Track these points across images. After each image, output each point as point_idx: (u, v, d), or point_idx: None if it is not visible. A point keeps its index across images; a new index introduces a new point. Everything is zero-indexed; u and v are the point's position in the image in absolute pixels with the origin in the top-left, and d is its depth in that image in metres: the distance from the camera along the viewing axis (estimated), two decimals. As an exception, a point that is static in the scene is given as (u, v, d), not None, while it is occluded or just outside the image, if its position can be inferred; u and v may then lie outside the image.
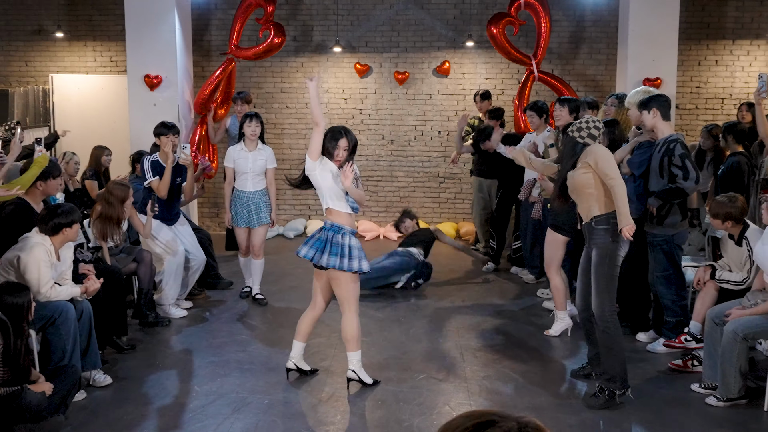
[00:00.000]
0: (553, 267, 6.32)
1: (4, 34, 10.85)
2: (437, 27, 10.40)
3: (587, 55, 10.38)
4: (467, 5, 10.32)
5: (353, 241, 5.08)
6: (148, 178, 6.68)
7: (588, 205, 5.01)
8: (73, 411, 4.89)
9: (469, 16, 10.31)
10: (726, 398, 5.00)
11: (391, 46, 10.49)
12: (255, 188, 6.99)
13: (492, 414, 1.36)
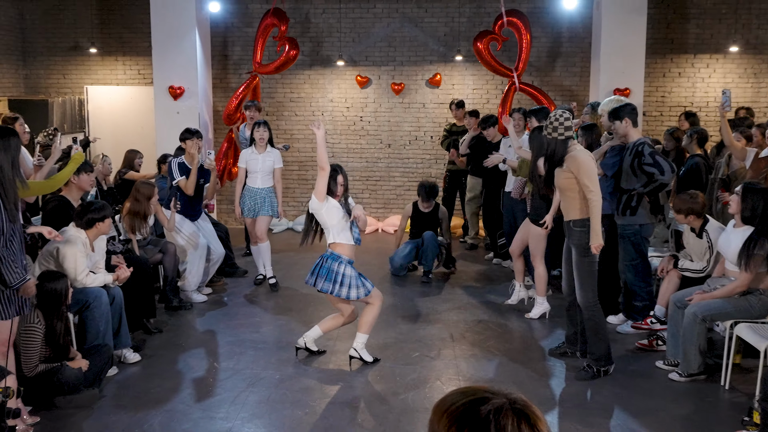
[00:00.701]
0: (537, 257, 6.33)
1: (44, 50, 10.84)
2: (429, 43, 10.39)
3: (563, 68, 10.37)
4: (456, 24, 10.31)
5: (348, 270, 5.09)
6: (176, 177, 6.71)
7: (568, 207, 5.01)
8: (106, 385, 4.92)
9: (458, 33, 10.29)
10: (687, 374, 5.01)
11: (389, 60, 10.48)
12: (264, 185, 7.16)
13: (484, 391, 1.35)
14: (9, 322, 4.22)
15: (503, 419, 1.28)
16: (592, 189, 4.83)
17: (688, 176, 6.84)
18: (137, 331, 5.83)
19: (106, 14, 10.71)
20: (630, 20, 9.10)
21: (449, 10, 10.31)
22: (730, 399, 4.78)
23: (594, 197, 4.83)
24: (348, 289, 5.05)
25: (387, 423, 4.41)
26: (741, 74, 10.34)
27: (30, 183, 4.82)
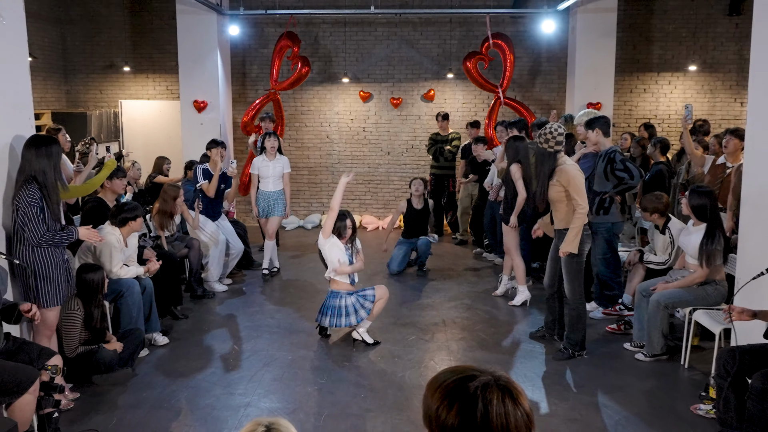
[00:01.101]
0: (512, 251, 6.35)
1: (83, 69, 10.84)
2: (424, 62, 10.38)
3: (543, 84, 10.36)
4: (448, 45, 10.30)
5: (348, 300, 5.26)
6: (200, 181, 6.74)
7: (559, 216, 4.96)
8: (138, 364, 4.92)
9: (449, 54, 10.29)
10: (651, 354, 5.01)
11: (388, 78, 10.47)
12: (275, 188, 7.22)
13: (472, 369, 1.36)
14: (56, 309, 4.23)
15: (489, 394, 1.29)
16: (580, 203, 4.79)
17: (653, 181, 6.85)
18: (166, 317, 5.84)
19: (138, 37, 10.71)
20: (601, 43, 9.10)
21: (441, 33, 10.31)
22: (689, 376, 4.78)
23: (581, 210, 4.79)
24: (353, 317, 5.24)
25: (386, 398, 4.42)
26: (698, 90, 10.35)
27: (70, 186, 4.83)
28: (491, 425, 1.26)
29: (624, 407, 4.28)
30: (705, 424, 4.03)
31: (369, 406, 4.30)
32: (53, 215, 4.09)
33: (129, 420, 4.08)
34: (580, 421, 4.08)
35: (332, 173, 10.66)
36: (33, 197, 3.96)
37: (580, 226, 4.80)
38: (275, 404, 4.33)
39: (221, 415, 4.15)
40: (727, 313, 3.73)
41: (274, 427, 1.52)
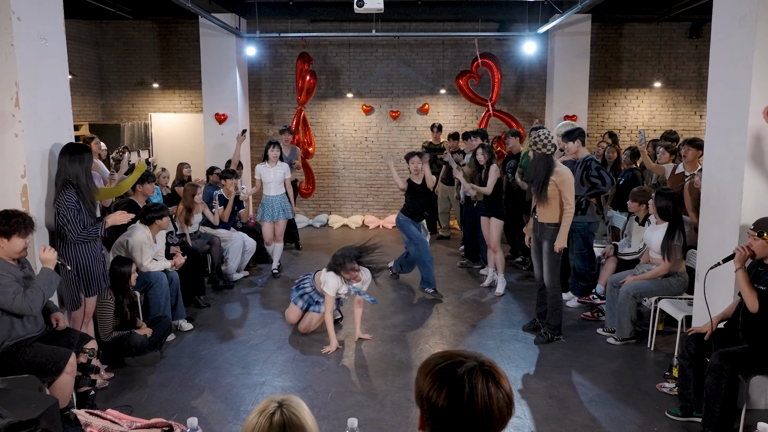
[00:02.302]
0: (493, 244, 6.37)
1: (117, 85, 10.83)
2: (420, 79, 10.37)
3: (525, 99, 10.35)
4: (441, 64, 10.29)
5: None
6: (216, 206, 6.79)
7: (545, 212, 4.89)
8: (166, 348, 4.91)
9: (442, 72, 10.28)
10: (621, 339, 5.00)
11: (388, 93, 10.45)
12: (277, 193, 6.98)
13: (459, 355, 1.35)
14: (94, 298, 4.23)
15: (474, 378, 1.29)
16: (570, 202, 4.78)
17: (626, 184, 6.83)
18: (190, 305, 5.83)
19: (165, 57, 10.70)
20: (576, 62, 9.09)
21: (435, 54, 10.30)
22: (654, 358, 4.78)
23: (569, 209, 4.78)
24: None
25: (386, 377, 4.41)
26: (663, 104, 10.33)
27: (101, 188, 4.81)
28: (476, 406, 1.26)
29: (597, 385, 4.27)
30: (668, 400, 4.02)
31: (371, 384, 4.30)
32: (90, 215, 4.09)
33: (158, 397, 4.08)
34: (558, 398, 4.07)
35: (338, 177, 10.64)
36: (71, 200, 3.96)
37: (569, 223, 4.80)
38: (288, 383, 4.33)
39: (240, 393, 4.14)
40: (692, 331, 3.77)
41: (286, 403, 1.51)
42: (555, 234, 4.86)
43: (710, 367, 3.46)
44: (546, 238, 4.94)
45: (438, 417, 1.29)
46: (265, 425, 1.46)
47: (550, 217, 4.89)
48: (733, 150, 3.91)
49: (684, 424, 3.72)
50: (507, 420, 1.30)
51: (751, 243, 3.47)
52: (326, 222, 10.51)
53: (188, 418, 2.17)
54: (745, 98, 3.76)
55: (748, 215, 3.76)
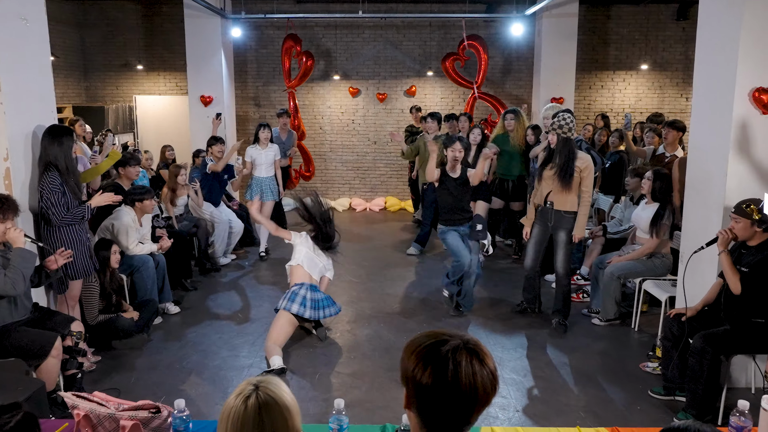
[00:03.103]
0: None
1: (101, 67, 10.65)
2: (407, 61, 10.30)
3: (512, 81, 10.33)
4: (428, 46, 10.22)
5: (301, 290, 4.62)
6: (208, 163, 6.79)
7: (564, 200, 4.75)
8: (153, 331, 4.89)
9: (429, 54, 10.21)
10: (605, 320, 5.06)
11: (374, 75, 10.38)
12: (267, 174, 7.05)
13: (444, 334, 1.36)
14: (79, 282, 4.20)
15: (459, 356, 1.29)
16: (588, 189, 4.71)
17: (614, 166, 6.88)
18: (177, 288, 5.79)
19: (149, 38, 10.53)
20: (563, 44, 9.06)
21: (422, 36, 10.22)
22: (638, 338, 4.84)
23: (589, 197, 4.71)
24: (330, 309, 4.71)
25: (373, 359, 4.43)
26: (649, 87, 10.36)
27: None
28: (461, 384, 1.27)
29: (581, 365, 4.32)
30: (651, 379, 4.08)
31: (358, 366, 4.32)
32: (75, 197, 4.04)
33: (146, 380, 4.07)
34: (543, 378, 4.12)
35: (325, 160, 10.59)
36: (54, 183, 3.91)
37: (587, 212, 4.75)
38: (275, 365, 4.33)
39: (227, 375, 4.15)
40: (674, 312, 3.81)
41: (262, 385, 1.48)
42: (572, 223, 4.77)
43: (693, 349, 3.51)
44: (564, 227, 4.79)
45: (423, 395, 1.29)
46: (240, 408, 1.44)
47: (570, 205, 4.74)
48: (718, 132, 3.93)
49: (667, 402, 3.79)
50: (491, 397, 1.31)
51: (734, 225, 3.50)
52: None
53: (176, 400, 2.16)
54: (730, 80, 3.77)
55: (732, 197, 3.80)
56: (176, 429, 2.13)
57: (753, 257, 3.46)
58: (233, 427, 1.43)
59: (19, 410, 1.58)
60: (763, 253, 3.42)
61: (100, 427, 2.15)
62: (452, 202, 5.16)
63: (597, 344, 4.71)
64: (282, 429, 1.44)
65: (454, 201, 5.16)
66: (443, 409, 1.29)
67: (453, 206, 5.17)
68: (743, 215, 3.45)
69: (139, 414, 2.13)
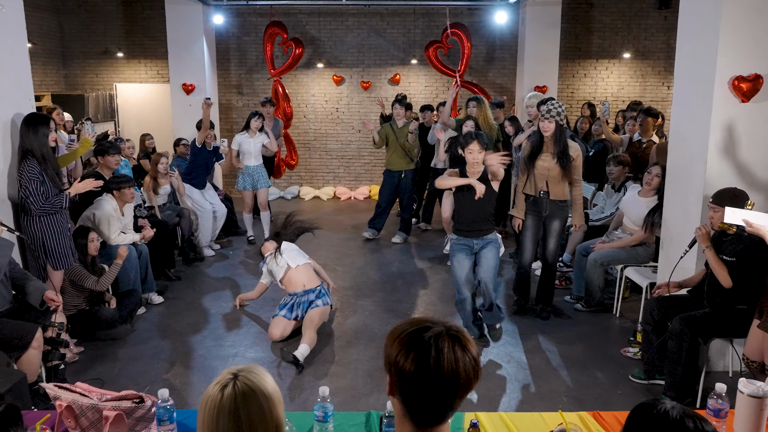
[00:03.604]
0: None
1: (80, 54, 10.45)
2: (391, 50, 10.25)
3: (496, 70, 10.32)
4: (412, 34, 10.17)
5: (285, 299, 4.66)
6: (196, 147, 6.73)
7: (557, 189, 4.71)
8: (136, 321, 4.86)
9: (413, 42, 10.17)
10: (589, 306, 5.12)
11: (359, 63, 10.32)
12: (257, 163, 6.99)
13: (426, 321, 1.36)
14: (61, 272, 4.15)
15: (441, 343, 1.30)
16: (579, 177, 4.73)
17: (597, 154, 6.93)
18: (161, 278, 5.76)
19: (130, 25, 10.34)
20: (547, 33, 9.08)
21: (406, 23, 10.17)
22: (620, 324, 4.91)
23: (579, 184, 4.73)
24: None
25: (358, 347, 4.44)
26: (631, 75, 10.43)
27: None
28: (443, 370, 1.27)
29: (563, 350, 4.37)
30: (632, 364, 4.15)
31: (344, 355, 4.33)
32: (55, 186, 3.98)
33: (129, 370, 4.05)
34: (526, 364, 4.16)
35: (309, 149, 10.54)
36: (33, 171, 3.85)
37: (581, 200, 4.77)
38: (260, 354, 4.33)
39: (212, 365, 4.13)
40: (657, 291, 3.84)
41: (242, 374, 1.46)
42: (566, 211, 4.80)
43: (671, 332, 3.57)
44: (559, 216, 4.79)
45: (406, 382, 1.30)
46: (217, 397, 1.42)
47: (563, 194, 4.74)
48: (698, 120, 3.97)
49: (647, 386, 3.85)
50: (474, 383, 1.32)
51: (712, 215, 3.55)
52: (297, 194, 10.44)
53: (159, 389, 2.15)
54: (711, 69, 3.81)
55: (711, 184, 3.85)
56: (160, 419, 2.12)
57: (734, 246, 3.50)
58: (209, 416, 1.42)
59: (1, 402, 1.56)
60: (743, 241, 3.47)
61: (83, 418, 2.13)
62: (474, 212, 4.30)
63: (579, 330, 4.76)
64: (259, 419, 1.42)
65: (476, 210, 4.28)
66: (426, 395, 1.29)
67: (475, 217, 4.31)
68: (721, 205, 3.49)
69: (123, 404, 2.12)
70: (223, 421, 1.40)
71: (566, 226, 6.07)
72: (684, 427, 1.28)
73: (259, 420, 1.42)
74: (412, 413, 1.33)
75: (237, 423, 1.40)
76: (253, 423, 1.41)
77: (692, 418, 1.30)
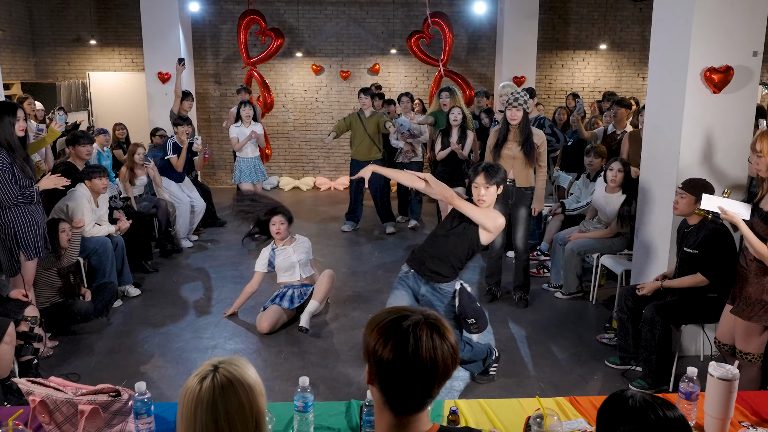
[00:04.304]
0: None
1: (51, 41, 10.20)
2: (370, 39, 10.20)
3: (476, 60, 10.35)
4: (391, 24, 10.13)
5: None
6: (169, 154, 6.49)
7: (522, 175, 4.82)
8: (113, 314, 4.80)
9: (392, 32, 10.13)
10: (568, 293, 5.19)
11: (338, 53, 10.25)
12: (253, 155, 6.97)
13: (405, 309, 1.37)
14: (33, 263, 4.06)
15: (419, 331, 1.30)
16: (544, 164, 4.85)
17: (575, 145, 7.01)
18: (137, 270, 5.68)
19: (103, 11, 10.12)
20: (525, 24, 9.12)
21: (386, 13, 10.12)
22: (596, 311, 4.99)
23: (543, 170, 4.84)
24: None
25: (338, 336, 4.44)
26: (608, 66, 10.54)
27: None
28: (421, 358, 1.28)
29: (541, 338, 4.43)
30: (608, 350, 4.22)
31: (323, 344, 4.33)
32: (26, 176, 3.89)
33: (106, 364, 4.00)
34: (504, 351, 4.20)
35: (288, 139, 10.47)
36: (2, 161, 3.75)
37: (544, 185, 4.87)
38: (239, 345, 4.31)
39: (191, 357, 4.10)
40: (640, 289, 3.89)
41: (223, 365, 1.44)
42: (531, 198, 4.89)
43: (644, 320, 3.64)
44: (524, 203, 4.87)
45: (384, 370, 1.30)
46: (196, 389, 1.41)
47: (528, 181, 4.85)
48: (672, 111, 4.03)
49: (622, 372, 3.92)
50: (452, 371, 1.33)
51: (678, 200, 3.63)
52: (277, 184, 10.38)
53: (136, 383, 2.13)
54: (684, 60, 3.86)
55: (684, 174, 3.91)
56: (137, 412, 2.09)
57: (695, 237, 3.58)
58: (188, 408, 1.40)
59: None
60: (702, 231, 3.55)
61: (57, 413, 2.10)
62: (441, 247, 3.46)
63: (556, 317, 4.82)
64: (238, 411, 1.41)
65: (445, 246, 3.45)
66: (405, 383, 1.30)
67: (438, 252, 3.46)
68: (691, 192, 3.56)
69: (98, 398, 2.09)
70: (202, 414, 1.39)
71: (543, 216, 6.16)
72: (645, 416, 1.33)
73: (238, 412, 1.41)
74: (391, 402, 1.34)
75: (215, 415, 1.39)
76: (231, 415, 1.40)
77: (656, 407, 1.35)
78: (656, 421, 1.31)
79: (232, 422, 1.40)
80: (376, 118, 6.94)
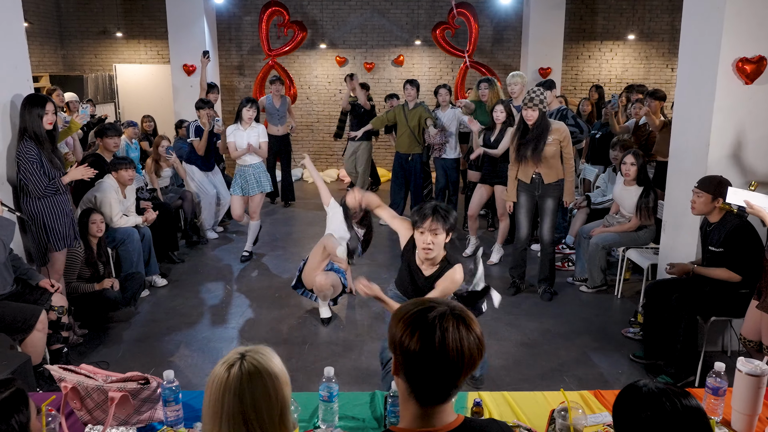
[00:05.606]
0: (503, 214, 5.77)
1: (78, 35, 10.39)
2: (395, 30, 10.17)
3: (501, 51, 10.25)
4: (416, 14, 10.09)
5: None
6: (191, 137, 6.44)
7: (549, 171, 4.80)
8: (140, 304, 4.90)
9: (417, 23, 10.09)
10: (593, 287, 5.15)
11: (362, 44, 10.25)
12: (252, 161, 5.85)
13: (431, 301, 1.38)
14: (62, 253, 4.16)
15: (446, 322, 1.31)
16: (571, 157, 4.82)
17: (603, 138, 6.91)
18: (164, 261, 5.79)
19: (129, 4, 10.27)
20: (551, 14, 9.00)
21: (410, 3, 10.08)
22: (621, 305, 4.94)
23: (572, 164, 4.80)
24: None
25: (362, 328, 4.48)
26: (636, 57, 10.35)
27: None
28: (447, 349, 1.29)
29: (566, 331, 4.41)
30: (633, 344, 4.18)
31: (347, 335, 4.36)
32: (54, 166, 3.98)
33: (134, 352, 4.09)
34: (528, 344, 4.20)
35: (312, 131, 10.51)
36: (31, 152, 3.84)
37: (573, 178, 4.83)
38: (265, 335, 4.36)
39: (216, 346, 4.18)
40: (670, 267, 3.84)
41: (249, 354, 1.47)
42: (559, 190, 4.85)
43: (671, 311, 3.60)
44: (552, 195, 4.86)
45: (411, 361, 1.32)
46: (224, 376, 1.44)
47: (555, 176, 4.83)
48: (702, 103, 3.95)
49: (647, 366, 3.89)
50: (478, 362, 1.34)
51: (695, 199, 3.58)
52: (301, 176, 10.43)
53: (165, 371, 2.18)
54: (715, 51, 3.78)
55: (713, 168, 3.84)
56: (166, 399, 2.14)
57: (719, 234, 3.53)
58: (215, 395, 1.43)
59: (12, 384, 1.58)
60: (725, 227, 3.49)
61: (89, 399, 2.15)
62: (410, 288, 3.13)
63: (581, 311, 4.79)
64: (264, 398, 1.43)
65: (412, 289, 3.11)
66: (431, 374, 1.31)
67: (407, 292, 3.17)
68: (706, 191, 3.51)
69: (128, 385, 2.14)
70: (228, 401, 1.42)
71: (569, 209, 6.10)
72: (660, 403, 1.34)
73: (264, 400, 1.43)
74: (416, 392, 1.35)
75: (242, 402, 1.42)
76: (258, 403, 1.43)
77: (670, 395, 1.36)
78: (673, 409, 1.32)
79: (258, 410, 1.43)
80: (418, 111, 6.58)
